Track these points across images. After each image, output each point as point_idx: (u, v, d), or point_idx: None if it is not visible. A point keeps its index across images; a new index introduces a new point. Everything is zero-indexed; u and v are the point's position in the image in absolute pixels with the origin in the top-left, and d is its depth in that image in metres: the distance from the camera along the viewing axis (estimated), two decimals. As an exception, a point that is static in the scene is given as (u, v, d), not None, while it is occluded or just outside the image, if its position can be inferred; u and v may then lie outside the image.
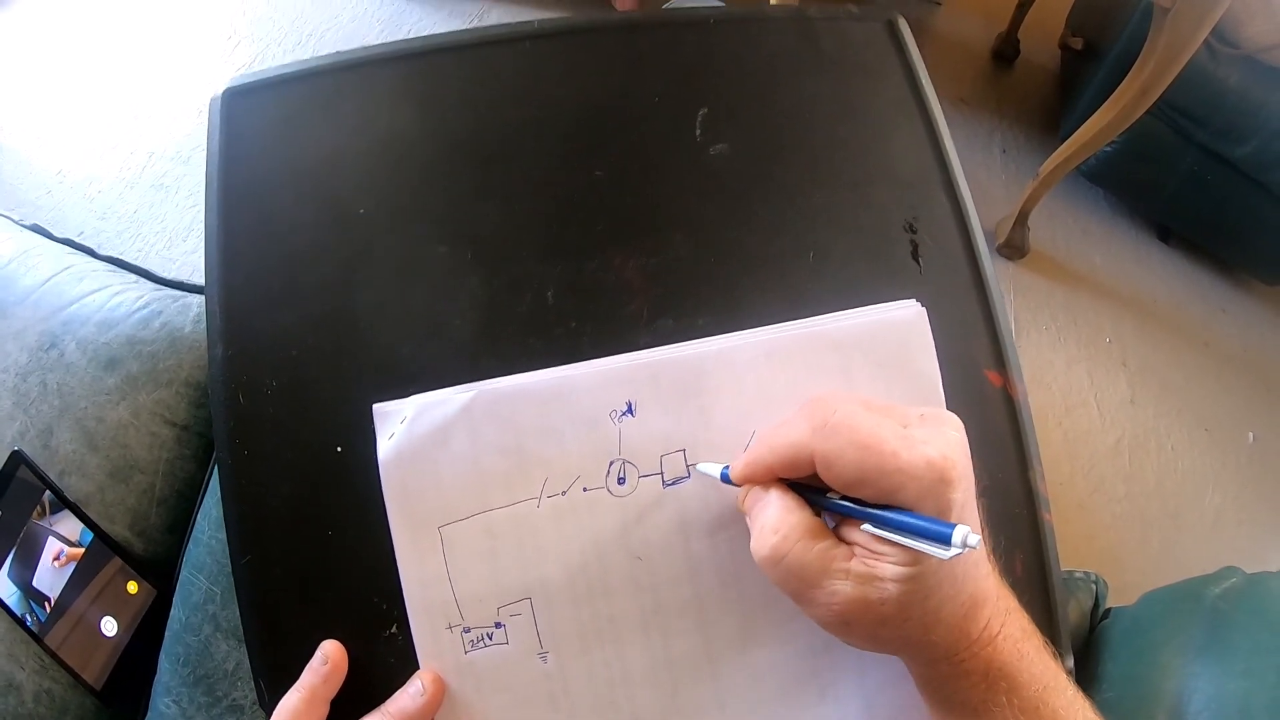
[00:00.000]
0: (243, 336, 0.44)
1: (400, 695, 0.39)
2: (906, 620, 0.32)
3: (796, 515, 0.33)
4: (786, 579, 0.33)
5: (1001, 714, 0.33)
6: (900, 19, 0.52)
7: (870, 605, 0.31)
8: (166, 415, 0.67)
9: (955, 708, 0.34)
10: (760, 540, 0.34)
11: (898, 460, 0.31)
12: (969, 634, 0.33)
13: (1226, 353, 1.59)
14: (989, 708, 0.33)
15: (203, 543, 0.61)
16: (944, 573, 0.31)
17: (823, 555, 0.32)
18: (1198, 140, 1.45)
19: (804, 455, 0.33)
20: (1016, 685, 0.33)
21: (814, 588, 0.32)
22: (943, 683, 0.34)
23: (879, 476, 0.31)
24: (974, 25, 1.93)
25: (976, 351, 0.46)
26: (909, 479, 0.31)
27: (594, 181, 0.46)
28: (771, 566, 0.33)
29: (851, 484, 0.32)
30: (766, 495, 0.35)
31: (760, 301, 0.44)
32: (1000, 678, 0.33)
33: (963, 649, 0.33)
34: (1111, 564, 1.31)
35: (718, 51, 0.50)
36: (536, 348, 0.43)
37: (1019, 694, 0.33)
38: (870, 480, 0.31)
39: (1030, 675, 0.33)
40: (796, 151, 0.48)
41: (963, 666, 0.33)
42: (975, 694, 0.33)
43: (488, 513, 0.40)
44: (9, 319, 0.67)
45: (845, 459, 0.32)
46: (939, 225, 0.47)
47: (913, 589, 0.31)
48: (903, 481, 0.31)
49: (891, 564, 0.31)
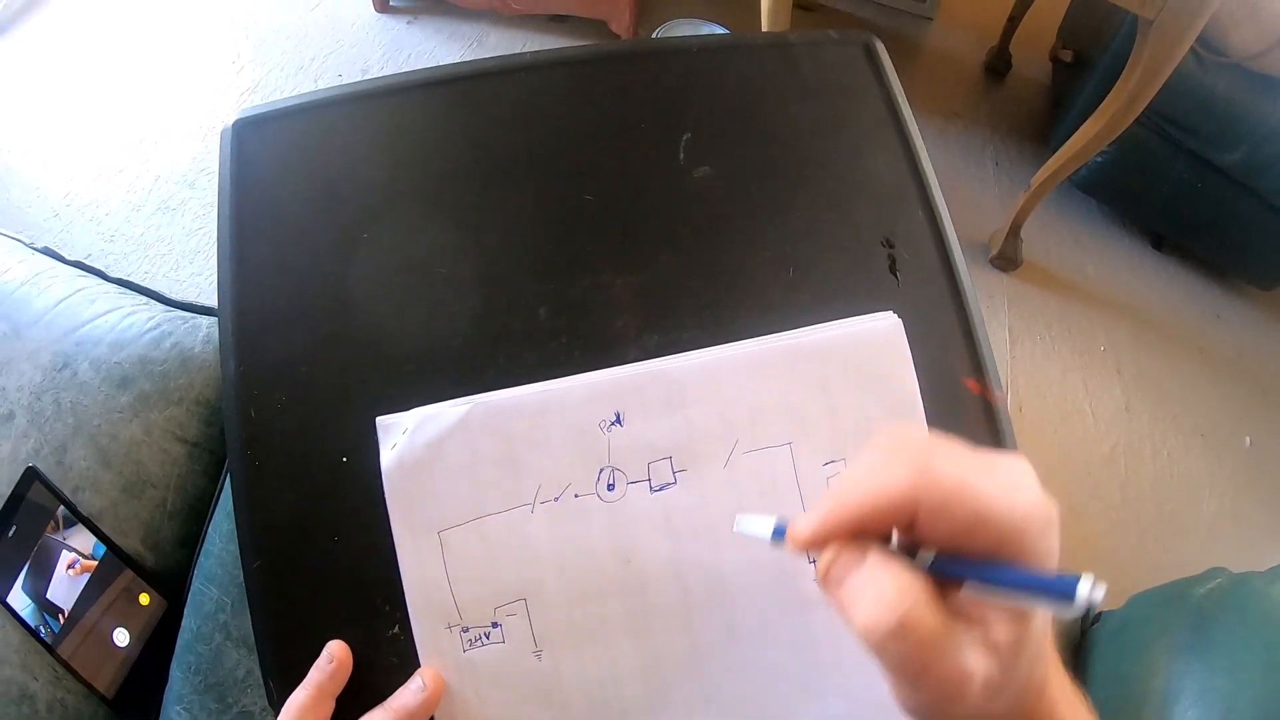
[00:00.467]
0: (254, 354, 0.46)
1: (402, 692, 0.41)
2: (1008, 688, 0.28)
3: (918, 580, 0.28)
4: (914, 654, 0.27)
5: None
6: (877, 42, 0.54)
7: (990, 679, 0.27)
8: (178, 432, 0.68)
9: None
10: (882, 609, 0.27)
11: (1011, 505, 0.27)
12: (1044, 693, 0.29)
13: (1221, 358, 1.59)
14: None
15: (214, 554, 0.62)
16: (1046, 629, 0.28)
17: (949, 626, 0.27)
18: (1188, 148, 1.45)
19: (905, 505, 0.28)
20: None
21: (939, 662, 0.27)
22: None
23: (993, 523, 0.27)
24: (966, 40, 1.95)
25: (955, 360, 0.47)
26: (1027, 527, 0.27)
27: (584, 205, 0.49)
28: (899, 640, 0.27)
29: (958, 535, 0.27)
30: (865, 559, 0.29)
31: (742, 316, 0.46)
32: None
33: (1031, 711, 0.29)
34: (1108, 569, 1.30)
35: (701, 79, 0.52)
36: (530, 362, 0.45)
37: None
38: (983, 528, 0.27)
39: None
40: (777, 172, 0.50)
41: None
42: None
43: (484, 518, 0.41)
44: (24, 339, 0.69)
45: (953, 507, 0.27)
46: (916, 239, 0.49)
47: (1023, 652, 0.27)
48: (1020, 530, 0.27)
49: (1004, 625, 0.27)
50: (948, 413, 0.45)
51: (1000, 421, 0.47)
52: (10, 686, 0.60)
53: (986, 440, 0.46)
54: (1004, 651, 0.27)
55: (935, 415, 0.44)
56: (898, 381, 0.44)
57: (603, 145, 0.50)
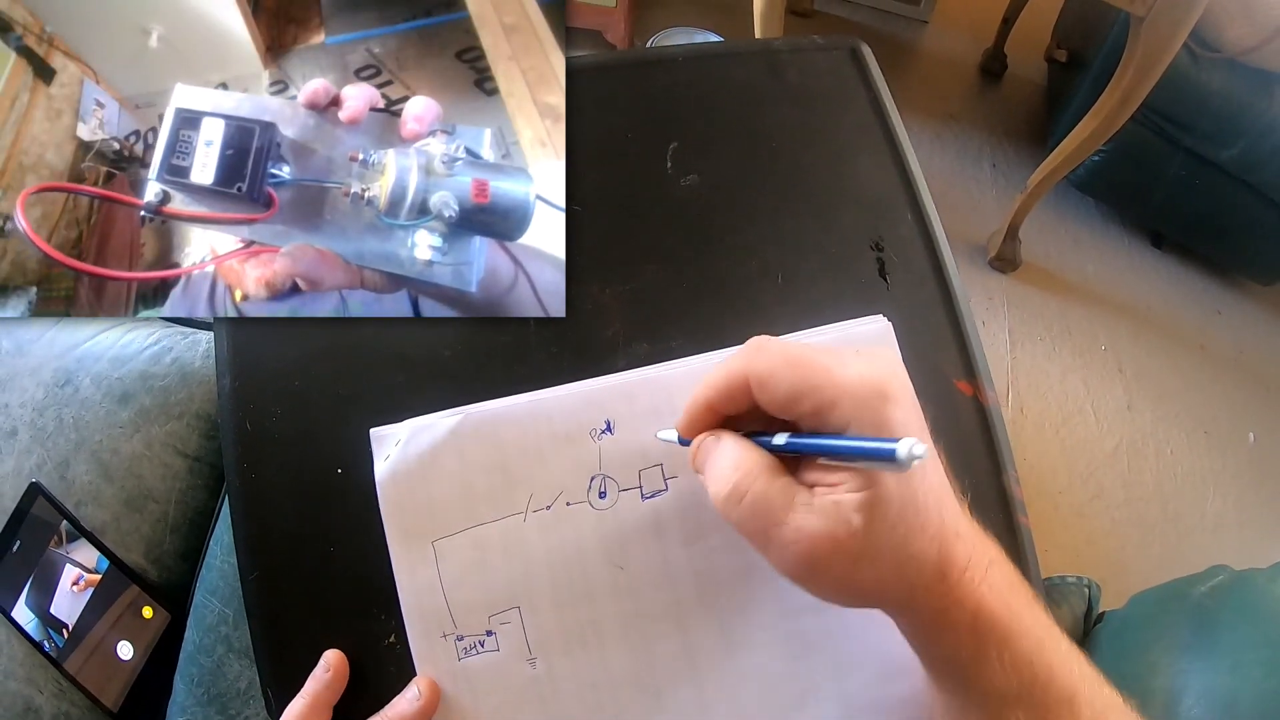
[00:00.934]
0: (249, 368, 0.46)
1: (399, 701, 0.41)
2: (877, 558, 0.30)
3: (755, 453, 0.32)
4: (751, 517, 0.31)
5: (992, 670, 0.31)
6: (863, 46, 0.54)
7: (838, 541, 0.29)
8: (178, 446, 0.69)
9: (947, 668, 0.33)
10: (720, 480, 0.32)
11: (830, 375, 0.30)
12: (946, 574, 0.31)
13: (1223, 355, 1.59)
14: (979, 665, 0.31)
15: (215, 567, 0.63)
16: (905, 498, 0.30)
17: (785, 490, 0.31)
18: (1184, 145, 1.46)
19: (738, 380, 0.33)
20: (1008, 638, 0.31)
21: (779, 524, 0.30)
22: (930, 637, 0.32)
23: (812, 390, 0.30)
24: (961, 42, 1.95)
25: (946, 362, 0.47)
26: (843, 393, 0.30)
27: (572, 214, 0.49)
28: (735, 504, 0.32)
29: (786, 402, 0.31)
30: (719, 441, 0.34)
31: (731, 323, 0.46)
32: (989, 630, 0.31)
33: (943, 593, 0.31)
34: (1113, 569, 1.31)
35: (687, 87, 0.52)
36: (520, 373, 0.45)
37: (1010, 648, 0.31)
38: (804, 395, 0.31)
39: (1021, 628, 0.31)
40: (764, 179, 0.50)
41: (949, 616, 0.31)
42: (965, 650, 0.31)
43: (477, 527, 0.42)
44: (26, 356, 0.70)
45: (778, 375, 0.31)
46: (905, 242, 0.49)
47: (876, 516, 0.29)
48: (836, 396, 0.30)
49: (848, 493, 0.29)
50: (940, 416, 0.45)
51: (994, 423, 0.47)
52: (15, 700, 0.61)
53: (979, 439, 0.46)
54: (853, 514, 0.29)
55: (928, 418, 0.44)
56: (888, 384, 0.44)
57: (590, 156, 0.50)
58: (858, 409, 0.30)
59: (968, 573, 0.31)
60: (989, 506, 0.46)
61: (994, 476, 0.46)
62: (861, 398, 0.30)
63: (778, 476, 0.31)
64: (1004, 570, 0.33)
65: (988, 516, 0.45)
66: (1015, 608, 0.31)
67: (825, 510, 0.30)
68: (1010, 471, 0.46)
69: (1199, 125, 1.42)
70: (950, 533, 0.31)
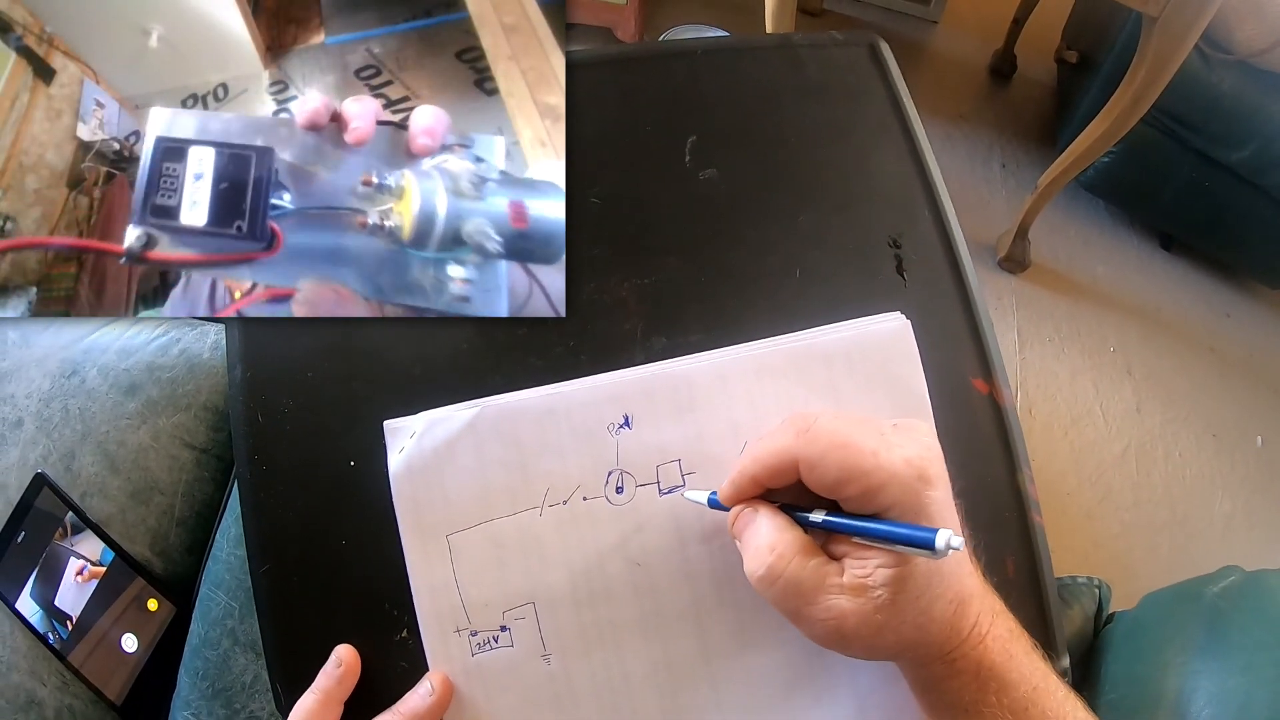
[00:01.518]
0: (261, 359, 0.46)
1: (411, 696, 0.41)
2: (901, 623, 0.32)
3: (789, 534, 0.34)
4: (784, 598, 0.34)
5: (992, 714, 0.33)
6: (882, 42, 0.54)
7: (866, 615, 0.32)
8: (185, 438, 0.69)
9: (948, 709, 0.35)
10: (756, 560, 0.34)
11: (877, 459, 0.32)
12: (960, 631, 0.33)
13: (1232, 357, 1.58)
14: (979, 708, 0.34)
15: (222, 560, 0.62)
16: (932, 571, 0.32)
17: (817, 571, 0.33)
18: (1195, 147, 1.45)
19: (788, 461, 0.34)
20: (1006, 685, 0.34)
21: (811, 604, 0.33)
22: (936, 684, 0.35)
23: (860, 475, 0.32)
24: (971, 43, 1.95)
25: (963, 360, 0.47)
26: (889, 477, 0.32)
27: (590, 208, 0.48)
28: (768, 586, 0.34)
29: (834, 485, 0.33)
30: (756, 516, 0.35)
31: (749, 318, 0.46)
32: (990, 677, 0.33)
33: (954, 647, 0.33)
34: (1121, 572, 1.30)
35: (706, 81, 0.52)
36: (537, 366, 0.45)
37: (1009, 694, 0.33)
38: (852, 480, 0.32)
39: (1020, 675, 0.34)
40: (783, 174, 0.50)
41: (955, 666, 0.34)
42: (967, 694, 0.34)
43: (492, 522, 0.41)
44: (32, 347, 0.69)
45: (827, 460, 0.32)
46: (923, 239, 0.49)
47: (904, 592, 0.32)
48: (883, 480, 0.32)
49: (880, 569, 0.32)
50: (957, 414, 0.45)
51: (1009, 422, 0.46)
52: (19, 693, 0.60)
53: (995, 438, 0.46)
54: (881, 590, 0.32)
55: (944, 416, 0.44)
56: (906, 382, 0.43)
57: (609, 149, 0.50)
58: (902, 494, 0.32)
59: (977, 628, 0.34)
60: (1003, 505, 0.45)
61: (1009, 475, 0.46)
62: (907, 483, 0.32)
63: (810, 558, 0.33)
64: (1006, 622, 0.36)
65: (1001, 515, 0.45)
66: (1016, 655, 0.34)
67: (855, 590, 0.32)
68: (1025, 470, 0.46)
69: (1209, 127, 1.41)
70: (966, 594, 0.34)
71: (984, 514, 0.44)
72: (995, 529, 0.45)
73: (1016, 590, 0.44)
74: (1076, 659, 0.64)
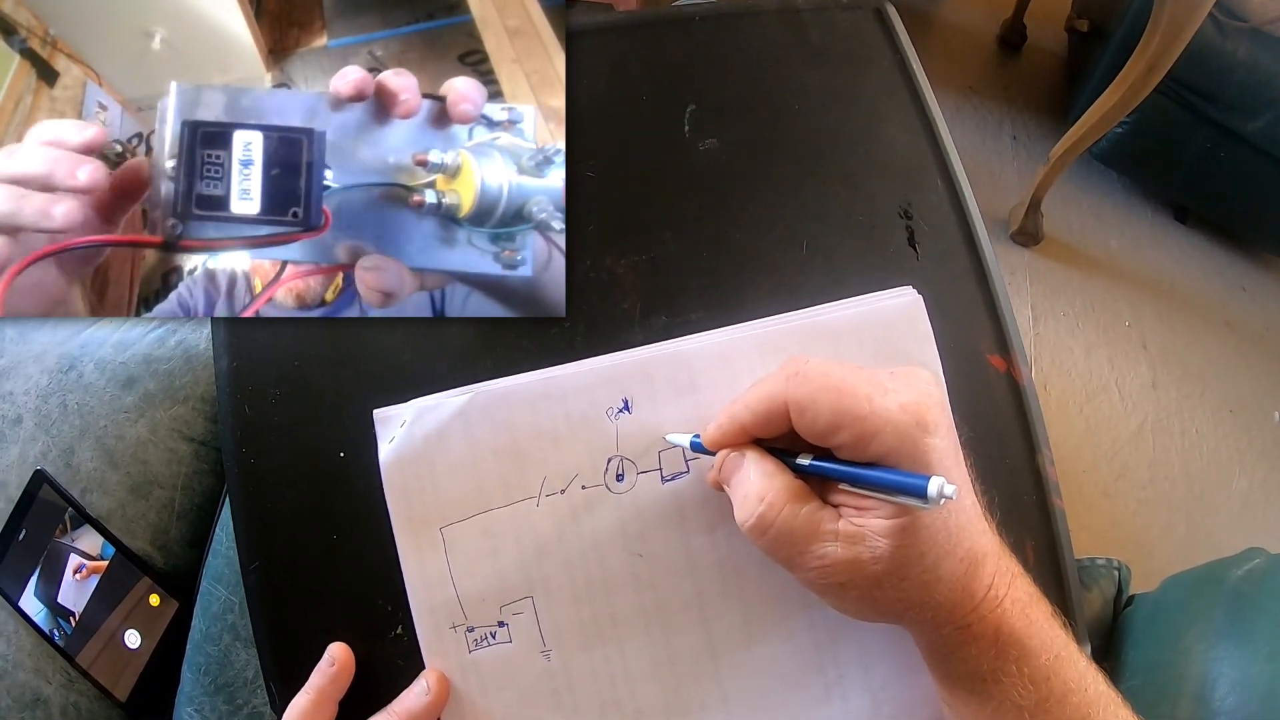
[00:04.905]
0: (246, 349, 0.45)
1: (406, 695, 0.40)
2: (904, 579, 0.31)
3: (780, 479, 0.33)
4: (776, 546, 0.32)
5: (1011, 684, 0.31)
6: (889, 5, 0.52)
7: (862, 565, 0.30)
8: (184, 431, 0.68)
9: (964, 679, 0.33)
10: (745, 508, 0.33)
11: (871, 404, 0.30)
12: (973, 593, 0.32)
13: (1248, 332, 1.57)
14: (999, 677, 0.32)
15: (221, 554, 0.62)
16: (937, 526, 0.30)
17: (810, 518, 0.32)
18: (1209, 117, 1.43)
19: (778, 405, 0.32)
20: (1027, 653, 0.32)
21: (804, 553, 0.32)
22: (950, 651, 0.33)
23: (853, 421, 0.30)
24: (979, 13, 1.91)
25: (978, 336, 0.45)
26: (883, 423, 0.30)
27: (585, 181, 0.47)
28: (759, 535, 0.33)
29: (825, 431, 0.31)
30: (744, 461, 0.34)
31: (753, 295, 0.44)
32: (1010, 644, 0.31)
33: (968, 610, 0.32)
34: (1138, 550, 1.29)
35: (704, 48, 0.50)
36: (530, 349, 0.43)
37: (1030, 662, 0.31)
38: (844, 425, 0.30)
39: (1040, 643, 0.32)
40: (787, 144, 0.48)
41: (971, 631, 0.32)
42: (984, 661, 0.32)
43: (487, 513, 0.40)
44: (29, 343, 0.69)
45: (818, 404, 0.31)
46: (936, 210, 0.47)
47: (904, 544, 0.30)
48: (877, 426, 0.30)
49: (878, 519, 0.30)
50: (972, 392, 0.44)
51: (1028, 401, 0.45)
52: (24, 691, 0.60)
53: (1013, 417, 0.45)
54: (879, 541, 0.30)
55: (959, 395, 0.42)
56: (919, 359, 0.42)
57: (604, 120, 0.48)
58: (898, 440, 0.30)
59: (993, 590, 0.32)
60: (1022, 487, 0.44)
61: (1028, 456, 0.45)
62: (903, 429, 0.30)
63: (802, 504, 0.32)
64: (1025, 585, 0.34)
65: (1020, 497, 0.44)
66: (1037, 621, 0.33)
67: (850, 538, 0.31)
68: (1045, 452, 0.45)
69: (1223, 96, 1.39)
70: (979, 553, 0.32)
71: (1002, 497, 0.43)
72: (1013, 512, 0.43)
73: (1036, 576, 0.42)
74: (1096, 644, 0.63)
